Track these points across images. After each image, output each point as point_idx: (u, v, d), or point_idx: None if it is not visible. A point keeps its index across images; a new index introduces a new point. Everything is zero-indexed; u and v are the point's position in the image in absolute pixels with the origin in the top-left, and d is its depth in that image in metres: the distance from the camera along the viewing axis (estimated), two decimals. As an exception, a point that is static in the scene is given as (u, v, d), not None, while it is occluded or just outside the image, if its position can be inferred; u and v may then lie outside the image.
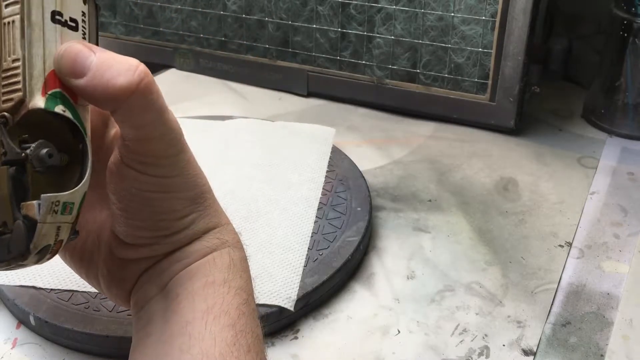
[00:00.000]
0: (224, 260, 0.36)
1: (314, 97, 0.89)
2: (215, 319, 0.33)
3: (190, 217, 0.35)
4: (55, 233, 0.29)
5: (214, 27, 0.92)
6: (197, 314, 0.33)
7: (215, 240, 0.36)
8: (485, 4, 0.74)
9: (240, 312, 0.34)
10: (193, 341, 0.32)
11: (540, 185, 0.70)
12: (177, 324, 0.33)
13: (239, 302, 0.34)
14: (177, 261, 0.35)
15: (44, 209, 0.28)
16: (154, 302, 0.35)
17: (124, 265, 0.36)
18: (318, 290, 0.52)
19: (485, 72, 0.78)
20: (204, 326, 0.33)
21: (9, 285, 0.51)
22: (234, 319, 0.33)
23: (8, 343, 0.49)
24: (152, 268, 0.36)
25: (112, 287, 0.37)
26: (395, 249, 0.60)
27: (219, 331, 0.33)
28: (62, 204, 0.28)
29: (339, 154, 0.71)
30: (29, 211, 0.27)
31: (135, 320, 0.35)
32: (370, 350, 0.49)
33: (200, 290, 0.34)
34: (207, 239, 0.36)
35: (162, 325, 0.33)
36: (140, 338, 0.34)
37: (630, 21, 0.76)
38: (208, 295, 0.34)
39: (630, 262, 0.58)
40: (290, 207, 0.61)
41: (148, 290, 0.35)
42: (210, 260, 0.35)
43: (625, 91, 0.79)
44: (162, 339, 0.33)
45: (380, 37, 0.81)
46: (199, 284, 0.34)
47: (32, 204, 0.27)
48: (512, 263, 0.58)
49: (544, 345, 0.49)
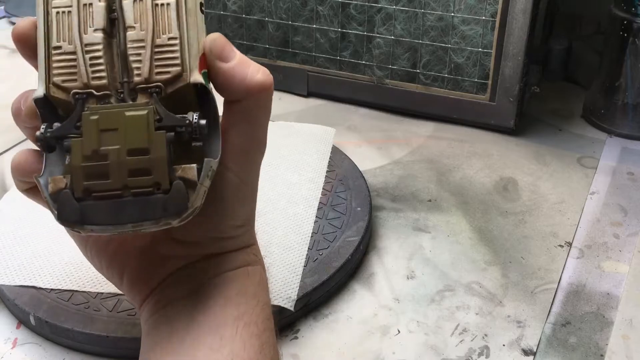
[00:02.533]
0: (256, 276, 0.37)
1: (314, 97, 0.89)
2: (246, 326, 0.34)
3: (244, 228, 0.37)
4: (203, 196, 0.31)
5: (214, 27, 0.92)
6: (228, 318, 0.34)
7: (252, 256, 0.38)
8: (485, 4, 0.74)
9: (265, 326, 0.35)
10: (224, 342, 0.33)
11: (540, 185, 0.70)
12: (207, 324, 0.34)
13: (264, 317, 0.36)
14: (215, 266, 0.36)
15: (204, 172, 0.30)
16: (181, 302, 0.35)
17: (159, 261, 0.36)
18: (318, 290, 0.52)
19: (485, 72, 0.78)
20: (235, 331, 0.34)
21: (9, 285, 0.51)
22: (260, 331, 0.35)
23: (8, 343, 0.49)
24: (185, 268, 0.36)
25: (138, 282, 0.37)
26: (395, 249, 0.60)
27: (248, 338, 0.34)
28: (212, 171, 0.31)
29: (339, 154, 0.71)
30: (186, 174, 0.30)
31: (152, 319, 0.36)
32: (370, 350, 0.49)
33: (233, 298, 0.35)
34: (246, 253, 0.37)
35: (189, 325, 0.34)
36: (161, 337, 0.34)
37: (630, 21, 0.76)
38: (240, 303, 0.35)
39: (630, 262, 0.59)
40: (290, 207, 0.61)
41: (177, 289, 0.36)
42: (244, 273, 0.36)
43: (625, 91, 0.79)
44: (190, 337, 0.34)
45: (380, 37, 0.82)
46: (233, 291, 0.35)
47: (192, 167, 0.30)
48: (512, 263, 0.58)
49: (544, 345, 0.50)
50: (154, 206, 0.29)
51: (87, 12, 0.31)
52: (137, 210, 0.29)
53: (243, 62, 0.33)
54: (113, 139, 0.29)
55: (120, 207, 0.29)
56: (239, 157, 0.34)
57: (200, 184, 0.30)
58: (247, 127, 0.34)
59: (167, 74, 0.31)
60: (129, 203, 0.29)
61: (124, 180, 0.29)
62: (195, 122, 0.30)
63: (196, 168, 0.30)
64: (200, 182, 0.30)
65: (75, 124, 0.30)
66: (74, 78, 0.31)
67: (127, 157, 0.29)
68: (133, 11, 0.31)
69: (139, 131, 0.29)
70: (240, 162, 0.35)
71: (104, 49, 0.31)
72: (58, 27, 0.31)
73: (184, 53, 0.31)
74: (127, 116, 0.30)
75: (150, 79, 0.31)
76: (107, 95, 0.31)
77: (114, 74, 0.31)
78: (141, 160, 0.29)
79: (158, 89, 0.31)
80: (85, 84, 0.31)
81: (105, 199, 0.29)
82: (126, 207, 0.29)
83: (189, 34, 0.31)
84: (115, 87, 0.31)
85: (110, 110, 0.30)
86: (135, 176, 0.29)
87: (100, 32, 0.31)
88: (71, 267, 0.53)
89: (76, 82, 0.31)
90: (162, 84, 0.31)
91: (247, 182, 0.36)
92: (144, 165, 0.29)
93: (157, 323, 0.35)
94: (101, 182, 0.29)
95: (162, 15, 0.31)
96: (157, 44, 0.31)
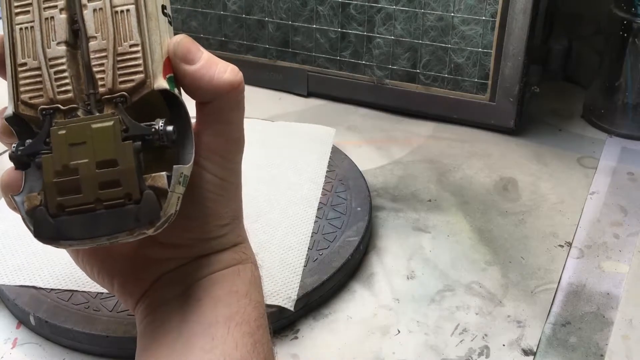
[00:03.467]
0: (246, 274, 0.37)
1: (314, 97, 0.89)
2: (237, 325, 0.34)
3: (229, 226, 0.36)
4: (176, 203, 0.31)
5: (214, 27, 0.92)
6: (220, 318, 0.34)
7: (241, 254, 0.37)
8: (485, 4, 0.74)
9: (259, 323, 0.35)
10: (216, 342, 0.33)
11: (540, 185, 0.70)
12: (199, 325, 0.34)
13: (257, 315, 0.35)
14: (203, 267, 0.36)
15: (174, 179, 0.30)
16: (172, 303, 0.35)
17: (148, 265, 0.36)
18: (318, 290, 0.52)
19: (485, 72, 0.78)
20: (226, 330, 0.33)
21: (9, 285, 0.51)
22: (253, 329, 0.35)
23: (8, 343, 0.49)
24: (175, 270, 0.36)
25: (128, 285, 0.37)
26: (395, 249, 0.60)
27: (240, 337, 0.34)
28: (184, 176, 0.31)
29: (339, 154, 0.71)
30: (156, 182, 0.30)
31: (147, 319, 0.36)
32: (370, 350, 0.49)
33: (224, 297, 0.35)
34: (235, 251, 0.37)
35: (181, 326, 0.34)
36: (153, 338, 0.35)
37: (630, 21, 0.76)
38: (231, 303, 0.35)
39: (630, 262, 0.59)
40: (290, 207, 0.61)
41: (167, 291, 0.36)
42: (235, 271, 0.36)
43: (625, 91, 0.79)
44: (181, 338, 0.34)
45: (380, 37, 0.82)
46: (223, 291, 0.35)
47: (161, 175, 0.30)
48: (512, 263, 0.58)
49: (544, 345, 0.50)
50: (126, 217, 0.29)
51: (50, 26, 0.31)
52: (110, 222, 0.30)
53: (210, 62, 0.32)
54: (82, 152, 0.29)
55: (94, 221, 0.30)
56: (216, 158, 0.34)
57: (172, 192, 0.30)
58: (221, 128, 0.34)
59: (130, 82, 0.30)
60: (102, 216, 0.29)
61: (96, 193, 0.29)
62: (162, 129, 0.30)
63: (166, 176, 0.30)
64: (171, 190, 0.30)
65: (45, 140, 0.30)
66: (40, 94, 0.31)
67: (97, 170, 0.29)
68: (94, 21, 0.31)
69: (106, 143, 0.29)
70: (219, 163, 0.34)
71: (68, 62, 0.31)
72: (22, 44, 0.31)
73: (147, 59, 0.31)
74: (93, 128, 0.30)
75: (114, 88, 0.30)
76: (74, 108, 0.31)
77: (80, 86, 0.31)
78: (110, 172, 0.29)
79: (123, 98, 0.30)
80: (52, 99, 0.31)
81: (79, 213, 0.30)
82: (100, 220, 0.30)
83: (150, 39, 0.31)
84: (82, 99, 0.31)
85: (77, 124, 0.30)
86: (106, 189, 0.29)
87: (64, 45, 0.31)
88: (71, 267, 0.53)
89: (42, 97, 0.31)
90: (126, 93, 0.30)
91: (228, 181, 0.35)
92: (114, 177, 0.29)
93: (150, 325, 0.35)
94: (74, 196, 0.29)
95: (122, 23, 0.31)
96: (119, 52, 0.31)
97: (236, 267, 0.37)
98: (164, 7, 0.32)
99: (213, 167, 0.34)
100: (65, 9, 0.31)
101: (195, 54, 0.32)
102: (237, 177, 0.36)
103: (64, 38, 0.31)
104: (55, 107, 0.31)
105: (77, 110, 0.31)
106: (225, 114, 0.34)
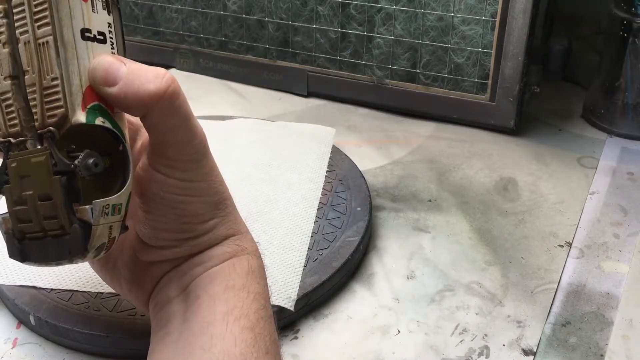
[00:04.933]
0: (243, 266, 0.37)
1: (314, 97, 0.89)
2: (236, 321, 0.34)
3: (212, 221, 0.36)
4: (108, 232, 0.32)
5: (214, 27, 0.92)
6: (217, 315, 0.34)
7: (234, 247, 0.37)
8: (485, 4, 0.74)
9: (258, 316, 0.35)
10: (215, 340, 0.33)
11: (540, 185, 0.70)
12: (198, 324, 0.34)
13: (257, 307, 0.35)
14: (197, 264, 0.36)
15: (96, 212, 0.31)
16: (174, 303, 0.36)
17: (146, 268, 0.37)
18: (318, 290, 0.52)
19: (485, 72, 0.78)
20: (225, 327, 0.34)
21: (9, 285, 0.51)
22: (253, 322, 0.35)
23: (8, 343, 0.49)
24: (173, 271, 0.37)
25: (134, 289, 0.38)
26: (395, 249, 0.60)
27: (239, 332, 0.34)
28: (112, 206, 0.31)
29: (339, 154, 0.71)
30: (83, 215, 0.30)
31: (154, 321, 0.37)
32: (370, 350, 0.49)
33: (220, 294, 0.35)
34: (227, 245, 0.37)
35: (182, 325, 0.34)
36: (160, 338, 0.35)
37: (630, 21, 0.76)
38: (228, 298, 0.35)
39: (630, 262, 0.59)
40: (290, 207, 0.61)
41: (168, 292, 0.36)
42: (230, 265, 0.36)
43: (625, 91, 0.79)
44: (182, 338, 0.34)
45: (380, 37, 0.82)
46: (220, 287, 0.35)
47: (86, 209, 0.30)
48: (512, 263, 0.58)
49: (544, 345, 0.50)
50: (63, 247, 0.31)
51: None
52: (54, 250, 0.31)
53: (132, 77, 0.31)
54: (29, 184, 0.31)
55: (44, 247, 0.31)
56: (172, 163, 0.34)
57: (96, 225, 0.31)
58: (167, 137, 0.33)
59: (54, 118, 0.30)
60: (50, 244, 0.31)
61: (42, 223, 0.31)
62: (81, 163, 0.30)
63: (90, 209, 0.30)
64: (95, 224, 0.31)
65: (5, 171, 0.32)
66: None
67: (39, 202, 0.30)
68: (25, 54, 0.31)
69: (42, 176, 0.30)
70: (181, 168, 0.34)
71: (14, 95, 0.31)
72: None
73: (65, 92, 0.30)
74: (32, 163, 0.31)
75: (44, 123, 0.31)
76: (24, 141, 0.31)
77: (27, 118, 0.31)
78: (47, 205, 0.30)
79: (50, 133, 0.30)
80: (4, 132, 0.32)
81: (35, 239, 0.31)
82: (48, 247, 0.31)
83: (68, 70, 0.30)
84: (30, 130, 0.31)
85: (22, 157, 0.31)
86: (48, 219, 0.31)
87: (9, 79, 0.31)
88: (71, 267, 0.53)
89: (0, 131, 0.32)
90: (53, 128, 0.30)
91: (195, 181, 0.35)
92: (50, 210, 0.30)
93: (157, 325, 0.36)
94: (28, 224, 0.31)
95: (44, 55, 0.30)
96: (44, 87, 0.30)
97: (231, 261, 0.37)
98: (82, 31, 0.31)
99: (173, 172, 0.34)
100: (7, 42, 0.31)
101: (115, 74, 0.31)
102: (207, 175, 0.36)
103: (8, 72, 0.31)
104: (8, 141, 0.32)
105: (27, 142, 0.31)
106: (164, 122, 0.33)
